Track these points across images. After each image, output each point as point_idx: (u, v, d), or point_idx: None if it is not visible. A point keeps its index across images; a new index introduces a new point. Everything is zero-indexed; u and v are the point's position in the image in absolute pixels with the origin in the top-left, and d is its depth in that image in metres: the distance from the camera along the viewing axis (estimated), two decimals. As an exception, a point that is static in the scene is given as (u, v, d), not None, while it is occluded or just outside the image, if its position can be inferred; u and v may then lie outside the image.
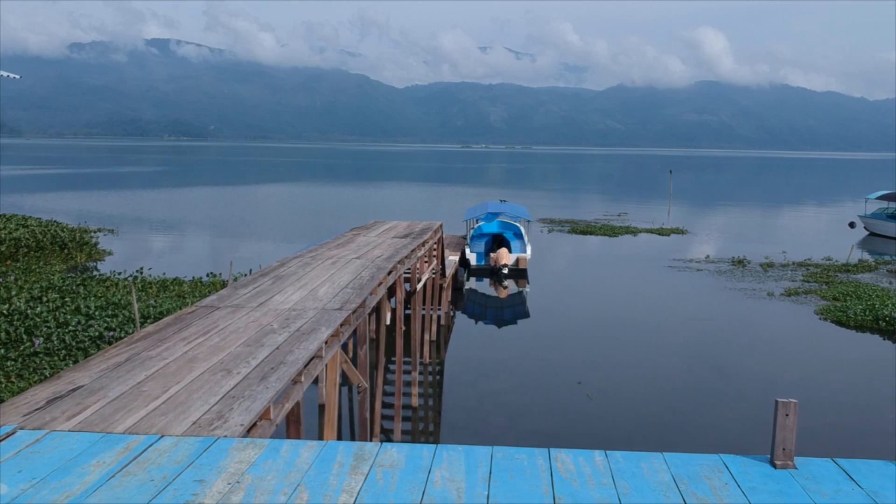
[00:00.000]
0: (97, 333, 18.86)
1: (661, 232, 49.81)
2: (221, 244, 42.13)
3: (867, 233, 52.88)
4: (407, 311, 20.47)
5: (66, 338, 18.46)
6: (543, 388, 17.60)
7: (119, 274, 28.20)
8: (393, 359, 18.46)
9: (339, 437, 13.58)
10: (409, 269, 14.93)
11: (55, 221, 39.29)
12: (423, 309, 19.35)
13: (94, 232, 41.60)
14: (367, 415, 10.14)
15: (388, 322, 12.46)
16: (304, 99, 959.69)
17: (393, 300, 18.06)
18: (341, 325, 8.64)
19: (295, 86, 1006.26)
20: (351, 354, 16.66)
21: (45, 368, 16.77)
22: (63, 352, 17.71)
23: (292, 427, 6.83)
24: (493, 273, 33.33)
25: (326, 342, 7.85)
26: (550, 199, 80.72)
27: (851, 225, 57.26)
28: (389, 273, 12.26)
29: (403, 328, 14.14)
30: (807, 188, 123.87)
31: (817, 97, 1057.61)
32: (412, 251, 14.98)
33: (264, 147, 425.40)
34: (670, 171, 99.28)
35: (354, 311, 9.28)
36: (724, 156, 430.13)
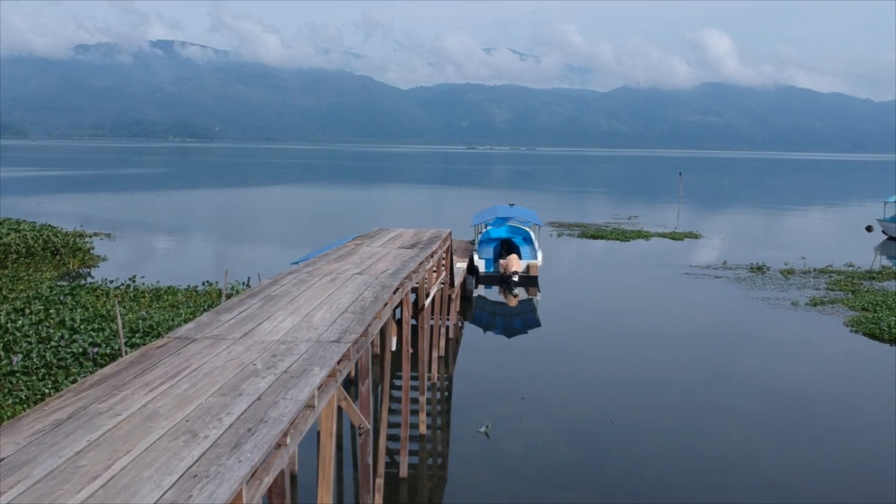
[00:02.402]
0: (81, 350, 17.54)
1: (673, 236, 48.35)
2: (220, 250, 40.80)
3: (885, 237, 51.32)
4: (413, 322, 19.14)
5: (48, 354, 17.14)
6: (560, 412, 16.22)
7: (111, 282, 26.87)
8: (399, 373, 17.07)
9: (340, 481, 12.22)
10: (416, 283, 13.55)
11: (49, 225, 37.99)
12: (432, 319, 17.99)
13: (90, 236, 40.29)
14: (370, 459, 8.76)
15: (393, 348, 11.11)
16: (309, 100, 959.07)
17: (398, 310, 16.74)
18: (339, 361, 7.28)
19: (299, 87, 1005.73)
20: (352, 373, 15.30)
21: (21, 390, 15.45)
22: (42, 370, 16.38)
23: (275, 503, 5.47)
24: (503, 280, 31.94)
25: (320, 387, 6.48)
26: (558, 202, 79.29)
27: (869, 229, 55.69)
28: (395, 292, 10.90)
29: (410, 350, 12.77)
30: (816, 190, 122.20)
31: (822, 98, 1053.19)
32: (420, 264, 13.61)
33: (268, 148, 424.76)
34: (680, 174, 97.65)
35: (355, 343, 7.92)
36: (729, 157, 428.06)
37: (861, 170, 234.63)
